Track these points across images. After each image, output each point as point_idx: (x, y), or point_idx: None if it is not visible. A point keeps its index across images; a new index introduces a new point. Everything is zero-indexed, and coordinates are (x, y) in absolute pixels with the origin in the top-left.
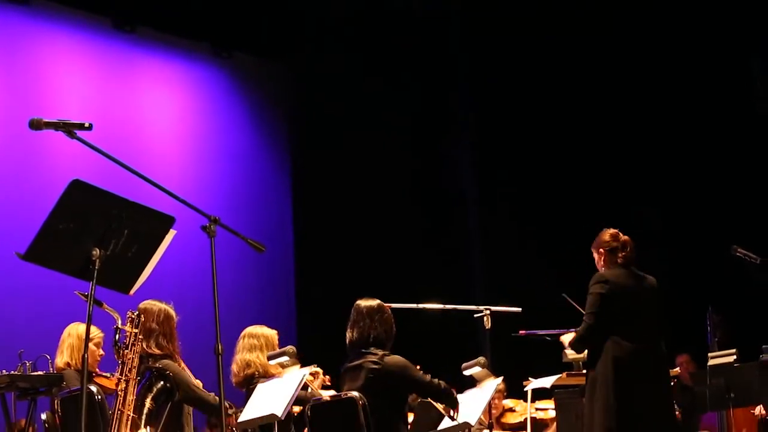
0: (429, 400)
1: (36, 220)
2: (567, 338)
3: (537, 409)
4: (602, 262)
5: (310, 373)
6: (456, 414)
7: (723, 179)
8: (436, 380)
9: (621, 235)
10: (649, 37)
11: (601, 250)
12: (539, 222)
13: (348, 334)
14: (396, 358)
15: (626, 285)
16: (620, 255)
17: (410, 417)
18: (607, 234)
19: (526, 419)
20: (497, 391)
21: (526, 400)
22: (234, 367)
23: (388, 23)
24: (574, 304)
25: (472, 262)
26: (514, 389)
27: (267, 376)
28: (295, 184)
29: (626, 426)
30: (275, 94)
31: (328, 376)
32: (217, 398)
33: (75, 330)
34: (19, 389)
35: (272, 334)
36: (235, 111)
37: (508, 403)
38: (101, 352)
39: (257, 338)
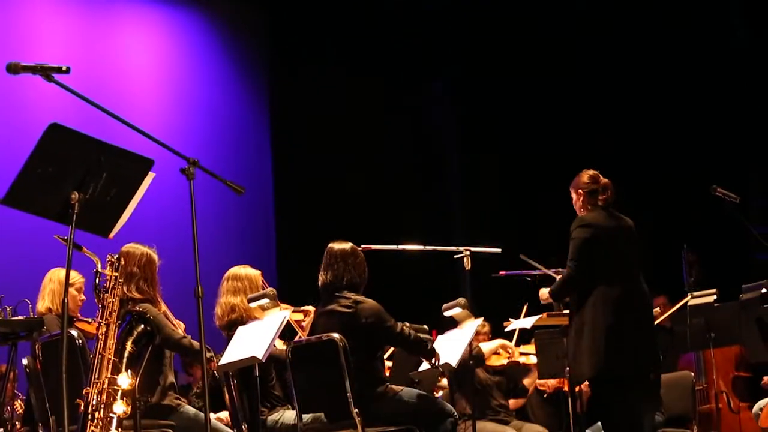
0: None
1: (14, 165)
2: (544, 292)
3: (521, 354)
4: (580, 203)
5: (302, 311)
6: (437, 361)
7: (702, 117)
8: (406, 329)
9: (601, 177)
10: None
11: (580, 191)
12: (520, 162)
13: (321, 277)
14: (369, 304)
15: (608, 227)
16: (600, 197)
17: (389, 363)
18: (586, 175)
19: (510, 362)
20: (483, 333)
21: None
22: (218, 310)
23: None
24: (534, 263)
25: (452, 202)
26: (494, 330)
27: (251, 319)
28: (273, 125)
29: (615, 364)
30: (253, 37)
31: None
32: (195, 342)
33: (56, 275)
34: None
35: (256, 274)
36: (212, 54)
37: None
38: (82, 297)
39: (241, 281)
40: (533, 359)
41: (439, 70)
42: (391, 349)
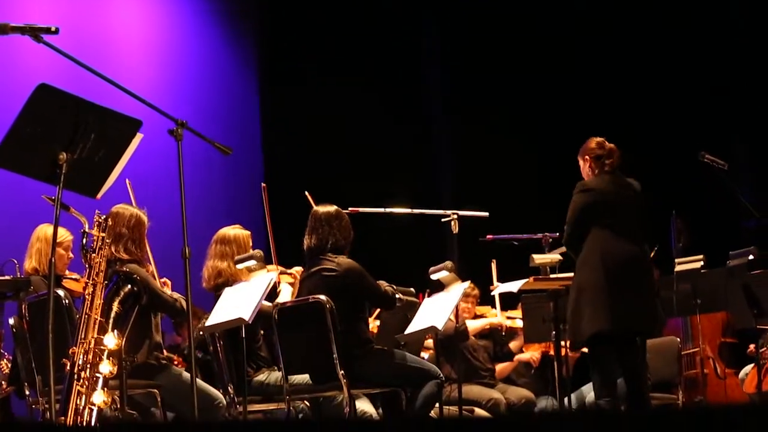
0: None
1: (2, 125)
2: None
3: (508, 318)
4: (588, 170)
5: (290, 274)
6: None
7: (691, 82)
8: (390, 289)
9: (607, 142)
10: None
11: (587, 157)
12: (508, 126)
13: (306, 241)
14: (351, 264)
15: (611, 191)
16: (607, 162)
17: (377, 320)
18: (594, 142)
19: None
20: (472, 296)
21: (494, 307)
22: (205, 273)
23: None
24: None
25: (440, 166)
26: (481, 294)
27: (238, 283)
28: (261, 85)
29: (616, 326)
30: None
31: None
32: (183, 303)
33: (43, 233)
34: None
35: (244, 235)
36: (201, 15)
37: (480, 309)
38: (70, 255)
39: (228, 244)
40: (519, 323)
41: (428, 30)
42: (378, 310)
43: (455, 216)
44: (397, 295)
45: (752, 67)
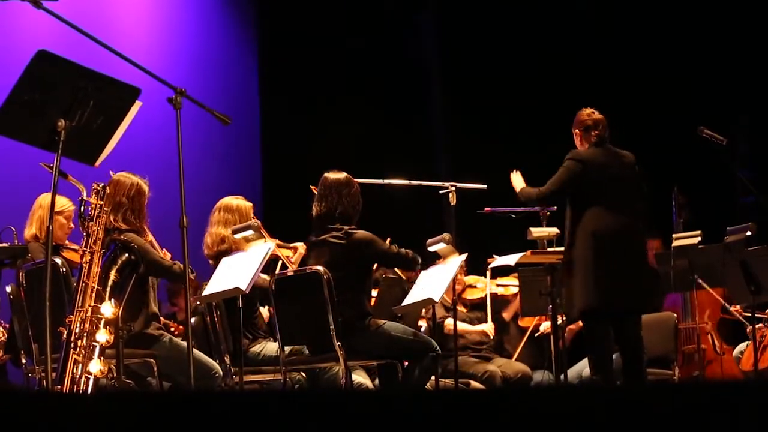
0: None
1: (1, 92)
2: (518, 181)
3: (498, 285)
4: (578, 141)
5: (291, 248)
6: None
7: (690, 58)
8: (403, 250)
9: (595, 113)
10: None
11: (577, 130)
12: (506, 97)
13: (314, 208)
14: (362, 233)
15: (601, 163)
16: (593, 133)
17: (374, 292)
18: (583, 113)
19: (486, 296)
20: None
21: (486, 277)
22: (208, 240)
23: None
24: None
25: (438, 137)
26: (479, 266)
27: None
28: (261, 55)
29: (605, 303)
30: None
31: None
32: (181, 266)
33: (46, 201)
34: None
35: (247, 206)
36: None
37: (470, 279)
38: (71, 225)
39: (231, 213)
40: (511, 290)
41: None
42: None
43: (453, 188)
44: (416, 256)
45: (754, 42)
